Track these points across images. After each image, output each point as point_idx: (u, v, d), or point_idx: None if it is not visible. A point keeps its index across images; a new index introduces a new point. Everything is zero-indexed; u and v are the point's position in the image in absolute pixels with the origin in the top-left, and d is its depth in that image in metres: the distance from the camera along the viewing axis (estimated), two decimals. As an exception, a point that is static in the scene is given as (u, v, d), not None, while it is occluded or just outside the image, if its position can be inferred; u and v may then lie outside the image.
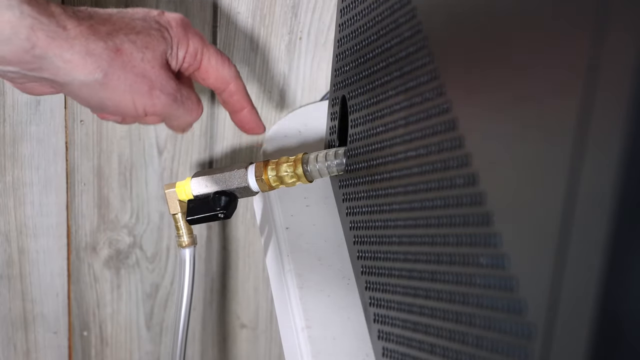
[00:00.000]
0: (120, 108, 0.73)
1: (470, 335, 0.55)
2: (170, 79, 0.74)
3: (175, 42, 0.75)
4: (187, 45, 0.76)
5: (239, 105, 0.80)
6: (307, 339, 0.77)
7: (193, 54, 0.76)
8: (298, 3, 0.92)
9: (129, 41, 0.72)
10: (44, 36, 0.68)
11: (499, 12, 0.52)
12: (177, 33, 0.75)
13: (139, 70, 0.72)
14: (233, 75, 0.79)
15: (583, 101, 0.43)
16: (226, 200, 0.81)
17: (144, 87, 0.73)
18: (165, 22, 0.75)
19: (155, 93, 0.73)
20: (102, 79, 0.71)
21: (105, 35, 0.71)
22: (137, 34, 0.73)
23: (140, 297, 1.05)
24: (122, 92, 0.72)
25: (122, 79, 0.72)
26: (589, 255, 0.42)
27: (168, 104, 0.74)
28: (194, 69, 0.77)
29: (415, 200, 0.63)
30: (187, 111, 0.77)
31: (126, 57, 0.72)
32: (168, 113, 0.75)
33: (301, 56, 0.95)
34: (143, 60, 0.73)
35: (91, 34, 0.71)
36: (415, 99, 0.63)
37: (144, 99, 0.73)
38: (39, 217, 0.97)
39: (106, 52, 0.71)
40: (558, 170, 0.44)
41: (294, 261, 0.82)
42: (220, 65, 0.78)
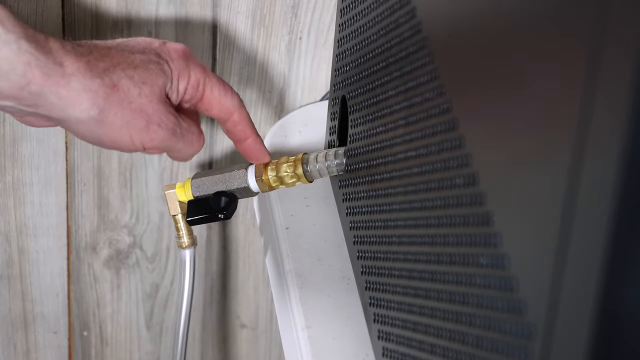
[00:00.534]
0: (117, 143, 0.73)
1: (470, 335, 0.55)
2: (168, 113, 0.74)
3: (176, 74, 0.75)
4: (188, 77, 0.75)
5: (243, 135, 0.80)
6: (307, 339, 0.77)
7: (195, 86, 0.76)
8: (298, 3, 0.92)
9: (126, 77, 0.72)
10: (40, 73, 0.68)
11: (499, 12, 0.52)
12: (177, 65, 0.75)
13: (136, 105, 0.72)
14: (236, 105, 0.78)
15: (583, 101, 0.43)
16: (226, 201, 0.81)
17: (140, 122, 0.72)
18: (165, 54, 0.75)
19: (152, 128, 0.73)
20: (98, 115, 0.71)
21: (102, 72, 0.71)
22: (135, 69, 0.72)
23: (140, 297, 1.05)
24: (118, 128, 0.72)
25: (118, 115, 0.71)
26: (589, 255, 0.42)
27: (166, 138, 0.74)
28: (196, 100, 0.77)
29: (415, 200, 0.63)
30: (188, 144, 0.76)
31: (123, 93, 0.71)
32: (167, 147, 0.75)
33: (301, 56, 0.95)
34: (140, 95, 0.72)
35: (88, 70, 0.70)
36: (415, 99, 0.63)
37: (141, 134, 0.73)
38: (39, 217, 0.97)
39: (102, 89, 0.70)
40: (558, 170, 0.44)
41: (294, 261, 0.82)
42: (223, 95, 0.77)
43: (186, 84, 0.75)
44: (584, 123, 0.43)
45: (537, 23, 0.47)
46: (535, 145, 0.47)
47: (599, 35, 0.42)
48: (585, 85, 0.42)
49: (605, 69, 0.41)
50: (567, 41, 0.44)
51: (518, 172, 0.49)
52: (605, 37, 0.41)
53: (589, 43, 0.42)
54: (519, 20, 0.49)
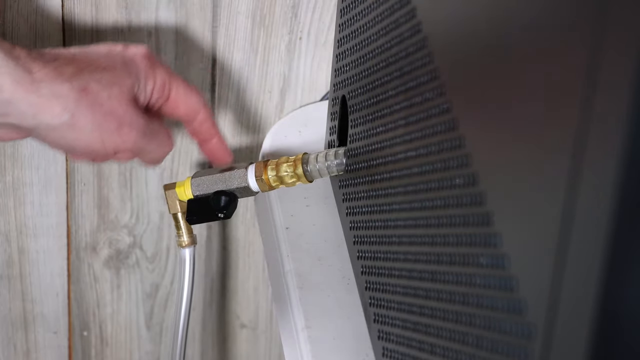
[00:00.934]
0: (89, 148, 0.73)
1: (470, 335, 0.55)
2: (138, 115, 0.74)
3: (143, 75, 0.74)
4: (154, 78, 0.75)
5: (208, 134, 0.80)
6: (307, 339, 0.77)
7: (161, 87, 0.76)
8: (298, 3, 0.92)
9: (95, 80, 0.71)
10: (10, 80, 0.67)
11: (499, 12, 0.52)
12: (143, 67, 0.75)
13: (106, 108, 0.72)
14: (202, 104, 0.79)
15: (583, 101, 0.43)
16: (226, 200, 0.81)
17: (112, 125, 0.72)
18: (130, 57, 0.74)
19: (124, 130, 0.73)
20: (69, 120, 0.70)
21: (70, 76, 0.70)
22: (102, 71, 0.72)
23: (140, 297, 1.05)
24: (90, 132, 0.71)
25: (89, 118, 0.71)
26: (589, 255, 0.42)
27: (137, 139, 0.74)
28: (162, 101, 0.77)
29: (415, 200, 0.63)
30: (158, 145, 0.76)
31: (92, 96, 0.71)
32: (138, 148, 0.75)
33: (301, 56, 0.95)
34: (110, 97, 0.72)
35: (57, 75, 0.70)
36: (415, 99, 0.63)
37: (112, 136, 0.72)
38: (39, 217, 0.97)
39: (72, 93, 0.70)
40: (558, 170, 0.44)
41: (294, 261, 0.82)
42: (188, 94, 0.78)
43: (152, 85, 0.75)
44: (584, 123, 0.43)
45: (537, 23, 0.47)
46: (535, 145, 0.47)
47: (599, 35, 0.42)
48: (586, 85, 0.42)
49: (606, 67, 0.41)
50: (567, 41, 0.44)
51: (518, 172, 0.49)
52: (606, 36, 0.41)
53: (589, 43, 0.42)
54: (519, 20, 0.49)
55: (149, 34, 0.91)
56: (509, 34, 0.50)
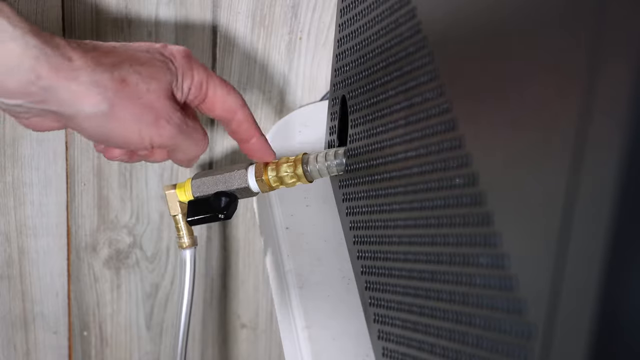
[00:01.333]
0: (126, 140, 0.73)
1: (470, 335, 0.55)
2: (176, 110, 0.74)
3: (180, 73, 0.75)
4: (191, 77, 0.75)
5: (247, 135, 0.79)
6: (307, 339, 0.77)
7: (198, 86, 0.76)
8: (298, 3, 0.92)
9: (135, 72, 0.71)
10: (49, 67, 0.68)
11: (499, 12, 0.52)
12: (181, 65, 0.75)
13: (145, 101, 0.72)
14: (240, 104, 0.78)
15: (583, 101, 0.43)
16: (226, 201, 0.81)
17: (150, 117, 0.72)
18: (169, 54, 0.75)
19: (161, 123, 0.73)
20: (108, 110, 0.70)
21: (110, 67, 0.70)
22: (142, 65, 0.72)
23: (140, 297, 1.05)
24: (128, 123, 0.72)
25: (128, 109, 0.71)
26: (589, 255, 0.42)
27: (174, 134, 0.74)
28: (199, 100, 0.77)
29: (415, 200, 0.63)
30: (194, 142, 0.76)
31: (132, 88, 0.71)
32: (174, 144, 0.75)
33: (301, 56, 0.95)
34: (149, 91, 0.72)
35: (96, 65, 0.70)
36: (415, 99, 0.63)
37: (150, 129, 0.72)
38: (39, 217, 0.97)
39: (112, 83, 0.70)
40: (558, 170, 0.44)
41: (294, 261, 0.82)
42: (226, 95, 0.77)
43: (190, 83, 0.75)
44: (584, 123, 0.43)
45: (537, 23, 0.47)
46: (535, 145, 0.47)
47: (598, 35, 0.42)
48: (585, 84, 0.42)
49: (606, 68, 0.41)
50: (567, 41, 0.44)
51: (518, 172, 0.49)
52: (605, 36, 0.41)
53: (589, 43, 0.42)
54: (519, 20, 0.49)
55: (149, 33, 0.91)
56: (508, 34, 0.50)
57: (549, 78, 0.46)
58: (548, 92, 0.46)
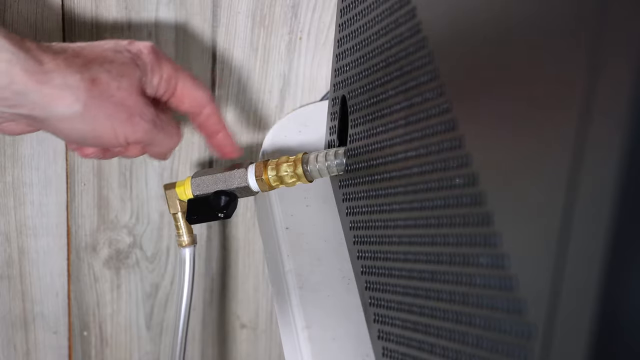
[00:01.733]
0: (101, 139, 0.73)
1: (470, 335, 0.55)
2: (148, 105, 0.74)
3: (149, 68, 0.75)
4: (160, 72, 0.76)
5: (215, 128, 0.81)
6: (307, 339, 0.77)
7: (167, 80, 0.76)
8: (298, 3, 0.92)
9: (105, 70, 0.72)
10: (22, 71, 0.68)
11: (499, 12, 0.52)
12: (149, 60, 0.75)
13: (117, 98, 0.72)
14: (208, 98, 0.79)
15: (584, 100, 0.43)
16: (226, 200, 0.81)
17: (123, 115, 0.73)
18: (136, 50, 0.75)
19: (135, 120, 0.73)
20: (81, 110, 0.71)
21: (80, 67, 0.71)
22: (111, 63, 0.73)
23: (140, 297, 1.05)
24: (102, 122, 0.72)
25: (101, 109, 0.72)
26: (589, 255, 0.42)
27: (148, 129, 0.74)
28: (169, 95, 0.77)
29: (415, 200, 0.63)
30: (168, 136, 0.77)
31: (103, 87, 0.72)
32: (149, 139, 0.75)
33: (301, 56, 0.95)
34: (119, 88, 0.72)
35: (67, 66, 0.70)
36: (415, 99, 0.63)
37: (124, 126, 0.73)
38: (39, 217, 0.97)
39: (83, 84, 0.71)
40: (558, 170, 0.44)
41: (294, 261, 0.82)
42: (194, 88, 0.78)
43: (159, 78, 0.76)
44: (584, 122, 0.43)
45: (537, 23, 0.47)
46: (535, 145, 0.47)
47: (599, 35, 0.42)
48: (586, 84, 0.42)
49: (606, 68, 0.41)
50: (567, 41, 0.44)
51: (518, 172, 0.49)
52: (606, 36, 0.41)
53: (589, 43, 0.42)
54: (519, 20, 0.49)
55: (149, 33, 0.91)
56: (508, 33, 0.50)
57: (549, 78, 0.46)
58: (548, 92, 0.46)
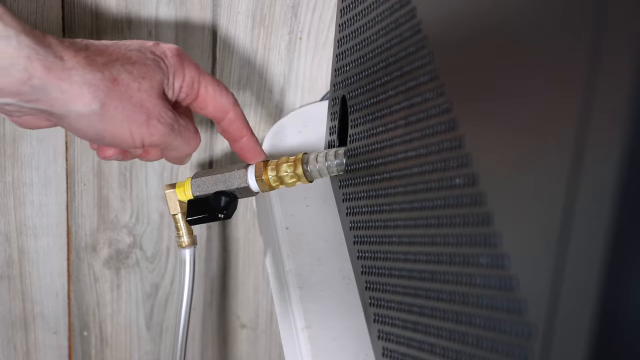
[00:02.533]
0: (117, 139, 0.73)
1: (470, 335, 0.55)
2: (167, 109, 0.74)
3: (172, 72, 0.75)
4: (183, 75, 0.76)
5: (238, 134, 0.80)
6: (307, 339, 0.77)
7: (190, 84, 0.76)
8: (298, 3, 0.92)
9: (126, 71, 0.72)
10: (42, 67, 0.68)
11: (499, 12, 0.52)
12: (173, 63, 0.75)
13: (136, 100, 0.72)
14: (231, 103, 0.78)
15: (584, 100, 0.43)
16: (226, 200, 0.81)
17: (141, 117, 0.72)
18: (160, 53, 0.75)
19: (152, 123, 0.73)
20: (100, 109, 0.71)
21: (102, 66, 0.71)
22: (134, 64, 0.73)
23: (140, 297, 1.05)
24: (119, 123, 0.72)
25: (119, 109, 0.71)
26: (589, 255, 0.42)
27: (166, 133, 0.74)
28: (191, 99, 0.77)
29: (415, 200, 0.63)
30: (185, 141, 0.76)
31: (123, 87, 0.71)
32: (166, 143, 0.75)
33: (301, 56, 0.95)
34: (140, 90, 0.72)
35: (88, 64, 0.70)
36: (415, 99, 0.63)
37: (141, 129, 0.73)
38: (39, 217, 0.97)
39: (103, 83, 0.70)
40: (558, 170, 0.44)
41: (294, 261, 0.82)
42: (218, 93, 0.78)
43: (181, 82, 0.76)
44: (585, 122, 0.43)
45: (537, 23, 0.47)
46: (535, 145, 0.47)
47: (599, 35, 0.42)
48: (586, 84, 0.42)
49: (606, 67, 0.41)
50: (567, 41, 0.44)
51: (518, 172, 0.49)
52: (606, 36, 0.41)
53: (589, 42, 0.42)
54: (519, 20, 0.49)
55: (149, 33, 0.91)
56: (508, 34, 0.50)
57: (549, 78, 0.46)
58: (548, 91, 0.46)
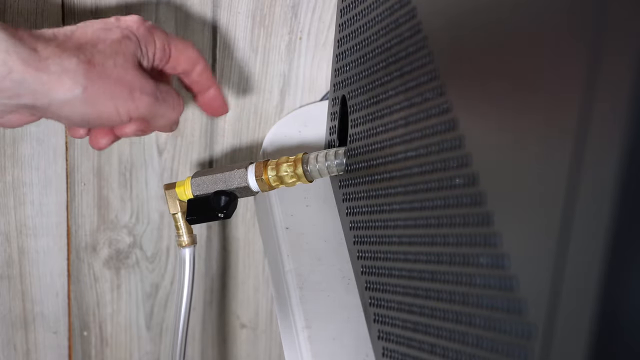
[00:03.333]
0: (103, 118, 0.73)
1: (470, 335, 0.55)
2: (146, 79, 0.75)
3: (143, 42, 0.76)
4: (154, 43, 0.77)
5: (207, 83, 0.81)
6: (307, 339, 0.77)
7: (161, 49, 0.77)
8: (298, 3, 0.92)
9: (98, 52, 0.73)
10: (19, 60, 0.69)
11: (499, 12, 0.52)
12: (141, 33, 0.76)
13: (115, 76, 0.73)
14: (199, 54, 0.80)
15: (584, 101, 0.43)
16: (226, 200, 0.81)
17: (123, 92, 0.73)
18: (125, 26, 0.76)
19: (136, 95, 0.74)
20: (82, 93, 0.71)
21: (75, 50, 0.72)
22: (104, 42, 0.73)
23: (140, 297, 1.05)
24: (103, 102, 0.72)
25: (101, 89, 0.72)
26: (589, 255, 0.42)
27: (150, 103, 0.75)
28: (165, 61, 0.78)
29: (415, 200, 0.63)
30: (170, 107, 0.77)
31: (100, 67, 0.72)
32: (152, 113, 0.76)
33: (301, 56, 0.95)
34: (116, 66, 0.73)
35: (61, 51, 0.71)
36: (415, 99, 0.63)
37: (126, 103, 0.73)
38: (39, 217, 0.97)
39: (80, 67, 0.71)
40: (558, 170, 0.44)
41: (294, 261, 0.82)
42: (186, 48, 0.79)
43: (154, 49, 0.77)
44: (584, 123, 0.43)
45: (537, 23, 0.47)
46: (535, 145, 0.47)
47: (599, 35, 0.42)
48: (586, 84, 0.42)
49: (606, 67, 0.41)
50: (567, 42, 0.44)
51: (518, 172, 0.49)
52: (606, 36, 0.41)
53: (589, 43, 0.42)
54: (519, 20, 0.49)
55: (149, 34, 0.91)
56: (508, 33, 0.50)
57: (549, 77, 0.46)
58: (548, 91, 0.46)
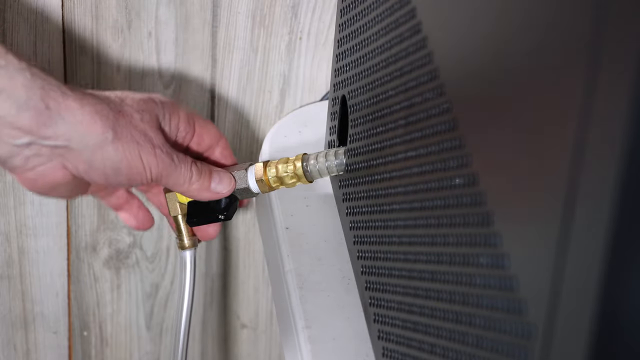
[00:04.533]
0: (132, 169, 0.74)
1: (470, 335, 0.55)
2: (165, 141, 0.76)
3: (167, 110, 0.77)
4: (178, 113, 0.78)
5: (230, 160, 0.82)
6: (307, 339, 0.77)
7: (186, 120, 0.78)
8: (298, 3, 0.92)
9: (127, 104, 0.74)
10: (55, 96, 0.70)
11: (499, 11, 0.52)
12: (164, 100, 0.77)
13: (141, 129, 0.74)
14: (220, 132, 0.81)
15: (584, 100, 0.43)
16: (226, 201, 0.81)
17: (148, 145, 0.74)
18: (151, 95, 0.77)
19: (157, 152, 0.75)
20: (113, 137, 0.72)
21: (105, 99, 0.73)
22: (132, 99, 0.75)
23: (140, 297, 1.05)
24: (131, 150, 0.73)
25: (129, 136, 0.73)
26: (589, 255, 0.42)
27: (168, 163, 0.75)
28: (191, 135, 0.79)
29: (415, 200, 0.63)
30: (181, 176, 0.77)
31: (128, 118, 0.73)
32: (167, 175, 0.76)
33: (301, 56, 0.95)
34: (142, 120, 0.74)
35: (92, 97, 0.72)
36: (415, 99, 0.63)
37: (149, 157, 0.74)
38: (39, 217, 0.97)
39: (112, 113, 0.72)
40: (558, 170, 0.44)
41: (294, 261, 0.82)
42: (207, 124, 0.80)
43: (177, 120, 0.78)
44: (584, 123, 0.43)
45: (537, 23, 0.47)
46: (535, 145, 0.47)
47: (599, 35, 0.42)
48: (586, 85, 0.42)
49: (606, 68, 0.41)
50: (567, 41, 0.44)
51: (518, 172, 0.49)
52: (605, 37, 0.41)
53: (589, 43, 0.42)
54: (519, 20, 0.49)
55: (149, 33, 0.91)
56: (509, 33, 0.50)
57: (549, 77, 0.46)
58: (548, 91, 0.46)
